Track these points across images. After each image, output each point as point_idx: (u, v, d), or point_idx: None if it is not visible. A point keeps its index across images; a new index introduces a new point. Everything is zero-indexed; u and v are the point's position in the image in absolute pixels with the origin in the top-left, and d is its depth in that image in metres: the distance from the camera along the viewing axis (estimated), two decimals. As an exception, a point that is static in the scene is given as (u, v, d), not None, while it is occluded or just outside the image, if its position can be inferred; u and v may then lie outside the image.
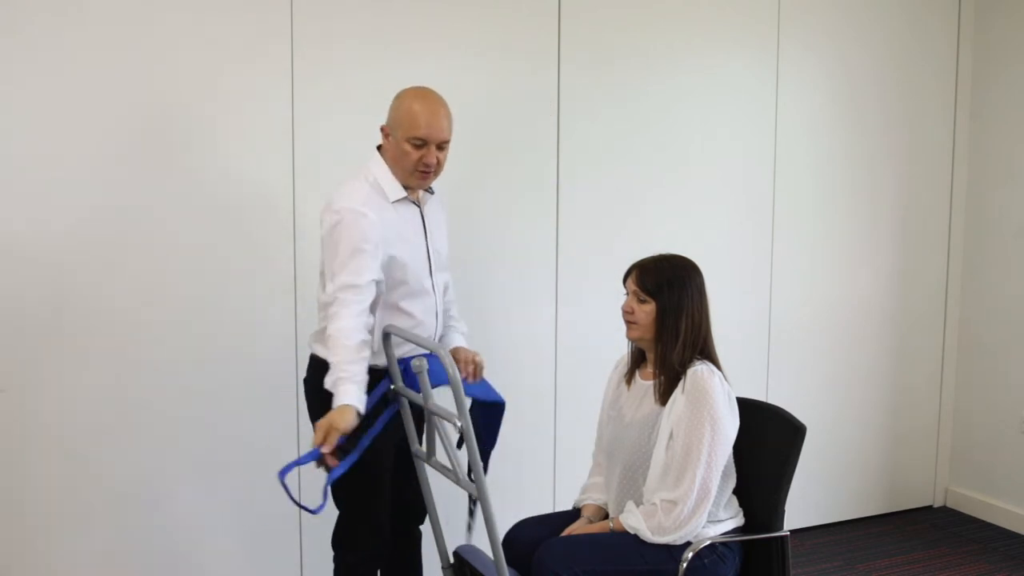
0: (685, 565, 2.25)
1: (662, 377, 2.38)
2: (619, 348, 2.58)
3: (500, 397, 2.47)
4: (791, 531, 2.45)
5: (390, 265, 2.36)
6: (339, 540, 2.57)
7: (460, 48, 3.21)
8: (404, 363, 2.34)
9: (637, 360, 2.51)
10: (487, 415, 2.46)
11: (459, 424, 2.09)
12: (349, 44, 3.05)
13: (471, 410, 2.23)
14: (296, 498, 2.31)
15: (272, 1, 2.94)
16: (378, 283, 2.34)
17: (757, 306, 3.82)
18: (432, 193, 2.54)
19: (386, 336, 2.40)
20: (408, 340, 2.37)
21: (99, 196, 2.80)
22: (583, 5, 3.38)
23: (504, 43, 3.27)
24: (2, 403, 2.76)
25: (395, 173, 2.40)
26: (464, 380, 2.38)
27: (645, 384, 2.44)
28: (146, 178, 2.84)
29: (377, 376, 2.38)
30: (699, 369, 2.33)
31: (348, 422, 2.16)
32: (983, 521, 4.11)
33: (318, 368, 2.48)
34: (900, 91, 4.00)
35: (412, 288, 2.43)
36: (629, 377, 2.51)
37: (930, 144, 4.10)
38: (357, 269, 2.28)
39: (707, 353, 2.39)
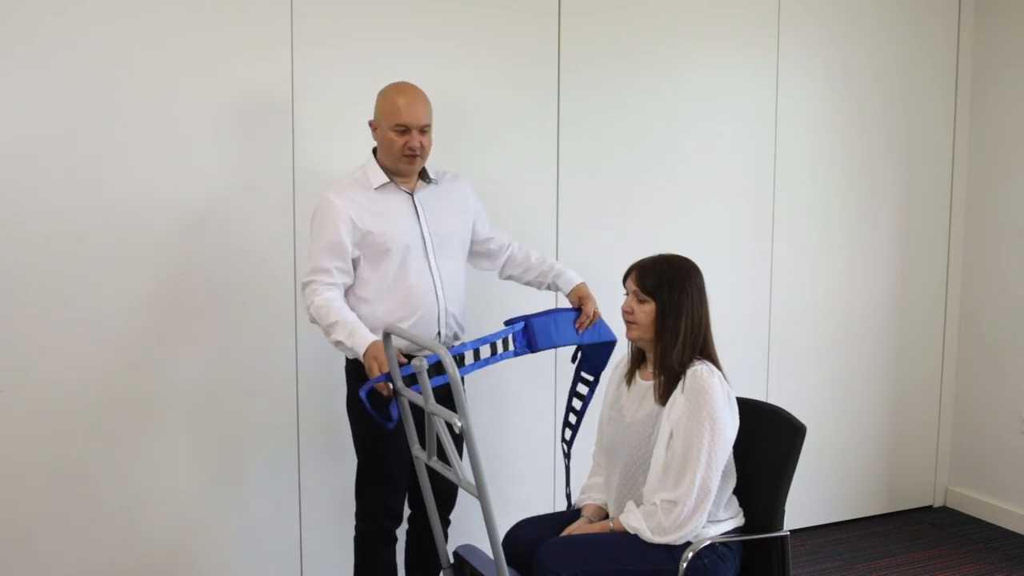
0: (685, 565, 2.25)
1: (662, 377, 2.37)
2: (619, 348, 2.57)
3: (612, 336, 2.74)
4: (791, 531, 2.45)
5: (366, 239, 2.56)
6: (357, 508, 2.75)
7: (460, 48, 3.21)
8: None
9: (637, 360, 2.51)
10: (598, 349, 2.75)
11: (459, 424, 2.09)
12: (349, 44, 3.05)
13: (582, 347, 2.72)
14: (373, 411, 2.46)
15: (272, 1, 2.94)
16: (355, 260, 2.58)
17: (757, 306, 3.82)
18: (431, 182, 2.69)
19: (386, 336, 2.40)
20: (407, 339, 2.37)
21: (96, 196, 2.80)
22: (583, 5, 3.38)
23: (504, 43, 3.27)
24: (1, 403, 2.76)
25: (386, 162, 2.62)
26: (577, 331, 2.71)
27: (645, 384, 2.44)
28: (144, 179, 2.84)
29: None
30: (699, 369, 2.33)
31: (380, 353, 2.38)
32: (983, 521, 4.11)
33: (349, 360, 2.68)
34: (900, 91, 4.00)
35: (403, 261, 2.58)
36: (629, 377, 2.51)
37: (930, 144, 4.10)
38: (325, 254, 2.54)
39: (707, 353, 2.39)
